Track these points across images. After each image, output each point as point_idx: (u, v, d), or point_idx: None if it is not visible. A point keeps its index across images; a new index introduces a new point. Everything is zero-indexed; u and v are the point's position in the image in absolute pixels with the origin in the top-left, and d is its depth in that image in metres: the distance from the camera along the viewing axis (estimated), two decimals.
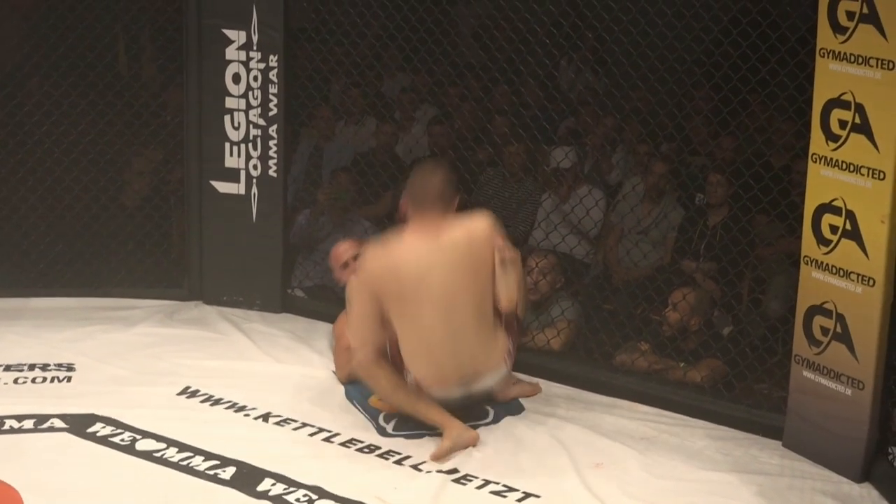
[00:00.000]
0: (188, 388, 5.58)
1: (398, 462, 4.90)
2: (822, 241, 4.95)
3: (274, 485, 4.60)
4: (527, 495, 4.64)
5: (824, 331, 4.99)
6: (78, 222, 7.10)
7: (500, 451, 5.05)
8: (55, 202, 7.01)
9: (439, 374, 5.08)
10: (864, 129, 4.70)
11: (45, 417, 5.14)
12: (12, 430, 5.01)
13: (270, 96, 6.60)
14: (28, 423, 5.08)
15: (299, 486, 4.59)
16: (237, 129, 6.63)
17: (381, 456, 4.96)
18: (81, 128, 7.06)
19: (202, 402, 5.45)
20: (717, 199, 6.80)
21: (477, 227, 5.12)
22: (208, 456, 4.83)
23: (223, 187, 6.70)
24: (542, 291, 6.31)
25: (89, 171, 7.12)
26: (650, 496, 4.66)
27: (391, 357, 5.22)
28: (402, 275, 4.98)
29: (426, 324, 5.00)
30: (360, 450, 5.01)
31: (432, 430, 5.18)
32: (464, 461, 4.90)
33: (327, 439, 5.10)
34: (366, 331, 5.12)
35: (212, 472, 4.68)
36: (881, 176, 4.65)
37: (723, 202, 6.79)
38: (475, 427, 5.21)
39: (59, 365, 5.51)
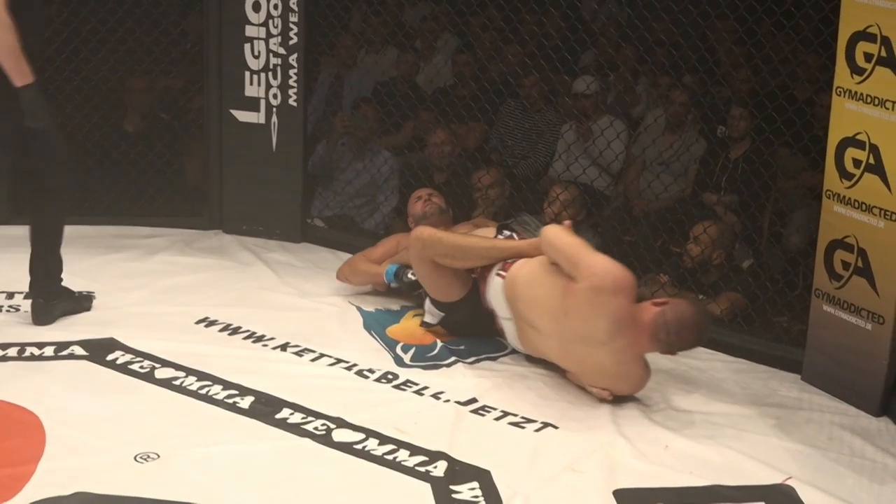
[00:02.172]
0: (207, 317, 5.59)
1: (417, 392, 4.91)
2: (844, 174, 4.92)
3: (292, 414, 4.61)
4: (545, 425, 4.65)
5: (845, 265, 4.96)
6: (97, 150, 7.10)
7: (518, 383, 5.05)
8: (75, 130, 7.00)
9: None
10: (889, 62, 4.65)
11: (66, 345, 5.15)
12: (33, 357, 5.03)
13: (291, 24, 6.55)
14: (49, 350, 5.10)
15: (317, 415, 4.60)
16: (257, 57, 6.59)
17: (398, 387, 4.97)
18: (101, 55, 7.03)
19: (221, 331, 5.46)
20: (739, 132, 6.77)
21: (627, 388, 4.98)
22: (226, 385, 4.84)
23: (243, 116, 6.67)
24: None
25: (109, 99, 7.11)
26: (670, 428, 4.66)
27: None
28: (592, 321, 4.82)
29: None
30: (377, 380, 5.01)
31: (448, 363, 5.23)
32: (483, 392, 4.91)
33: (346, 369, 5.11)
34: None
35: (230, 401, 4.70)
36: None
37: (745, 135, 6.75)
38: (494, 359, 5.25)
39: (80, 293, 5.52)
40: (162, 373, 4.95)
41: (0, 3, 4.79)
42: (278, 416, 4.59)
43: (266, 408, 4.66)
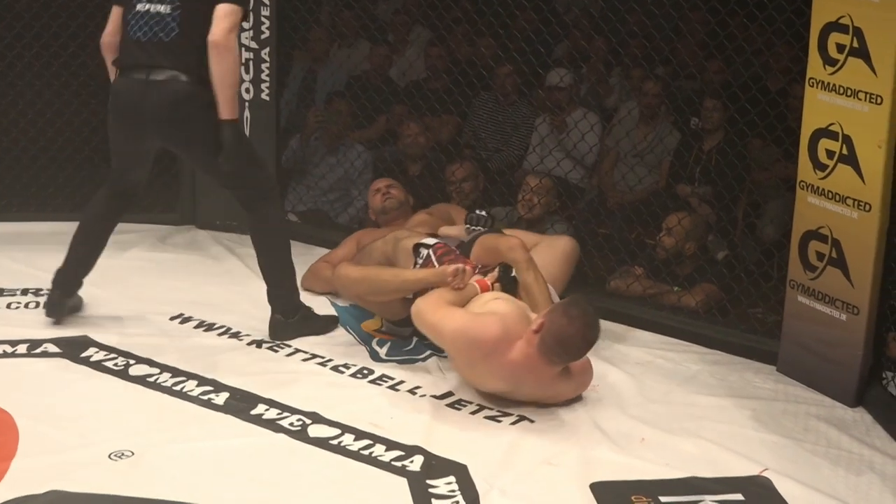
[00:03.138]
0: (181, 313, 5.58)
1: (392, 388, 4.90)
2: (818, 165, 4.92)
3: (267, 410, 4.59)
4: (521, 419, 4.64)
5: (819, 256, 4.97)
6: (69, 145, 7.06)
7: None
8: (46, 125, 6.96)
9: None
10: (861, 53, 4.66)
11: (39, 342, 5.12)
12: (6, 355, 5.00)
13: (262, 18, 6.54)
14: (22, 348, 5.07)
15: (293, 411, 4.59)
16: None
17: (373, 381, 4.95)
18: (71, 50, 7.00)
19: (196, 327, 5.45)
20: (713, 123, 6.78)
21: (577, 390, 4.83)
22: (202, 381, 4.82)
23: None
24: (535, 214, 6.33)
25: (79, 94, 7.08)
26: (646, 421, 4.66)
27: None
28: (497, 378, 4.67)
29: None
30: (353, 375, 5.00)
31: (424, 357, 5.22)
32: (459, 386, 4.90)
33: (321, 364, 5.10)
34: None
35: (205, 398, 4.68)
36: (878, 101, 4.62)
37: (718, 127, 6.76)
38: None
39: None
40: (136, 370, 4.93)
41: (230, 29, 4.87)
42: (253, 411, 4.58)
43: (241, 404, 4.64)
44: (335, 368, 5.07)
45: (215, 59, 4.84)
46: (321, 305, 5.68)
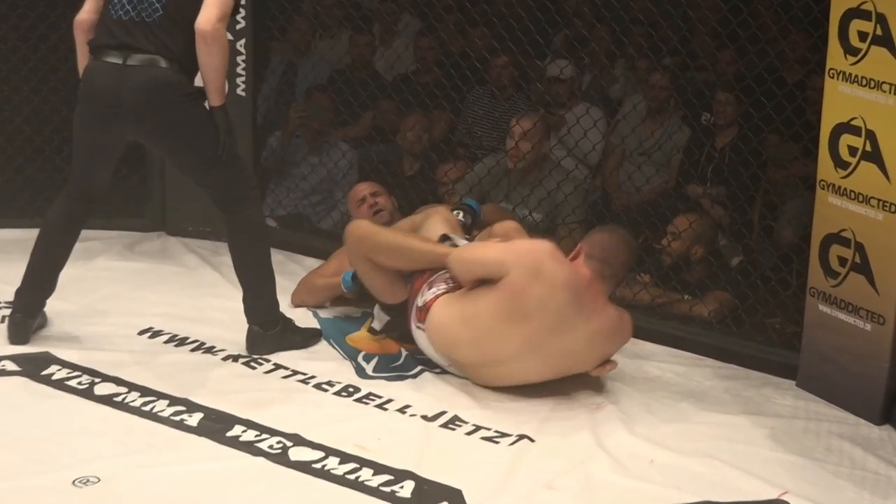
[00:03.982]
0: (151, 327, 5.57)
1: (379, 406, 4.90)
2: (839, 163, 4.93)
3: (245, 431, 4.59)
4: (521, 438, 4.64)
5: (842, 261, 4.98)
6: (29, 147, 7.06)
7: (491, 393, 5.04)
8: (4, 122, 6.97)
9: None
10: (885, 41, 4.67)
11: None
12: None
13: (238, 7, 6.52)
14: None
15: (272, 432, 4.58)
16: None
17: (360, 400, 4.95)
18: (31, 42, 7.01)
19: (166, 342, 5.44)
20: (726, 118, 6.79)
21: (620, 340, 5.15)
22: (173, 400, 4.81)
23: None
24: (528, 161, 6.47)
25: (40, 90, 7.08)
26: (655, 441, 4.66)
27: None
28: (552, 301, 4.87)
29: (515, 343, 4.93)
30: (337, 393, 5.00)
31: (414, 373, 5.22)
32: (453, 404, 4.89)
33: (302, 381, 5.09)
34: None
35: (177, 418, 4.67)
36: None
37: (731, 122, 6.77)
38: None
39: (10, 303, 5.47)
40: (102, 388, 4.92)
41: (218, 17, 4.87)
42: (230, 433, 4.57)
43: (216, 425, 4.63)
44: (318, 386, 5.06)
45: (202, 49, 4.85)
46: (303, 317, 5.68)
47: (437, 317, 5.06)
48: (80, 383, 4.96)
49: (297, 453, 4.45)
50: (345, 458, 4.42)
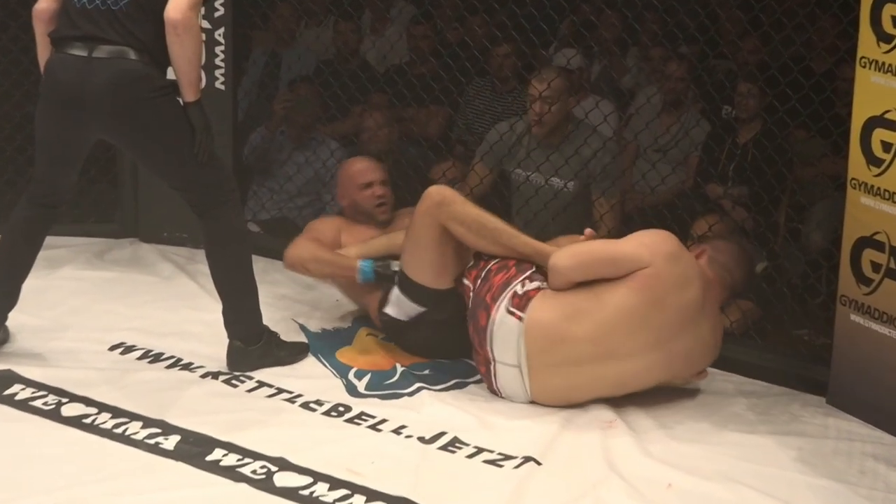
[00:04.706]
0: (123, 342, 5.57)
1: (373, 427, 4.89)
2: (872, 160, 4.93)
3: (226, 455, 4.59)
4: (526, 460, 4.64)
5: (875, 266, 4.98)
6: None
7: (493, 412, 5.05)
8: None
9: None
10: None
11: None
12: None
13: None
14: None
15: (256, 456, 4.58)
16: None
17: (351, 420, 4.95)
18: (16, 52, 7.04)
19: (139, 358, 5.44)
20: (749, 111, 6.79)
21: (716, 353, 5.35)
22: (147, 422, 4.81)
23: None
24: (551, 124, 6.45)
25: (0, 85, 7.09)
26: (673, 463, 4.66)
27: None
28: (687, 290, 5.06)
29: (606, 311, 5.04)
30: (326, 412, 5.00)
31: (410, 391, 5.22)
32: (452, 425, 4.89)
33: (288, 400, 5.10)
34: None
35: (151, 441, 4.67)
36: None
37: (755, 115, 6.77)
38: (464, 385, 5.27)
39: None
40: (70, 409, 4.92)
41: (192, 9, 4.84)
42: (209, 457, 4.57)
43: (194, 448, 4.63)
44: (305, 405, 5.06)
45: (173, 40, 4.83)
46: (289, 330, 5.68)
47: (539, 310, 5.06)
48: (45, 404, 4.95)
49: (283, 479, 4.44)
50: (335, 483, 4.41)
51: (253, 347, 5.31)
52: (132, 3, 4.88)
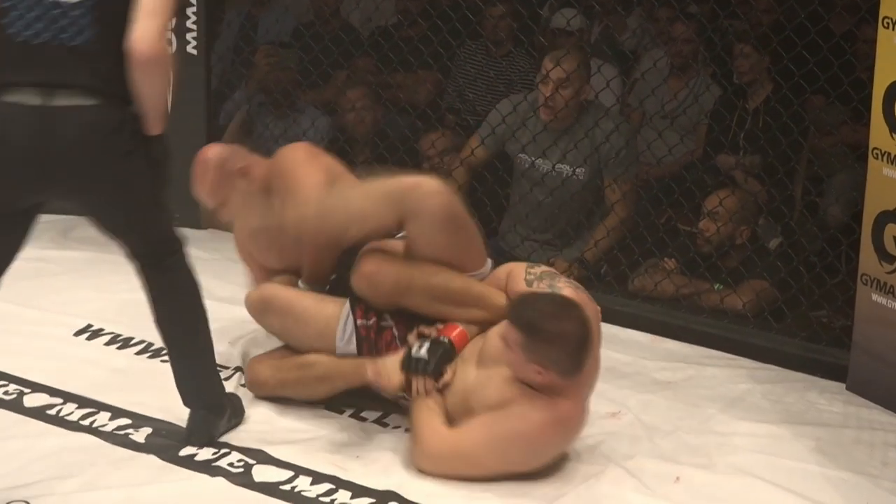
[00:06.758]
0: (89, 325, 5.60)
1: (355, 417, 4.91)
2: (895, 128, 4.94)
3: (201, 448, 4.60)
4: None
5: None
6: None
7: None
8: None
9: None
10: None
11: None
12: None
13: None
14: None
15: (234, 448, 4.59)
16: None
17: (333, 409, 4.97)
18: None
19: (107, 343, 5.46)
20: (745, 74, 6.76)
21: None
22: (116, 413, 4.82)
23: None
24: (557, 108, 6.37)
25: None
26: (681, 456, 4.68)
27: None
28: None
29: None
30: (308, 403, 5.01)
31: None
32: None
33: None
34: None
35: (121, 433, 4.68)
36: None
37: (755, 78, 6.75)
38: None
39: None
40: (33, 399, 4.93)
41: (161, 39, 4.18)
42: (183, 451, 4.58)
43: (167, 441, 4.65)
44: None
45: (142, 77, 4.19)
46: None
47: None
48: (6, 393, 4.97)
49: (263, 473, 4.47)
50: (318, 477, 4.44)
51: (220, 415, 4.74)
52: (98, 36, 4.18)
